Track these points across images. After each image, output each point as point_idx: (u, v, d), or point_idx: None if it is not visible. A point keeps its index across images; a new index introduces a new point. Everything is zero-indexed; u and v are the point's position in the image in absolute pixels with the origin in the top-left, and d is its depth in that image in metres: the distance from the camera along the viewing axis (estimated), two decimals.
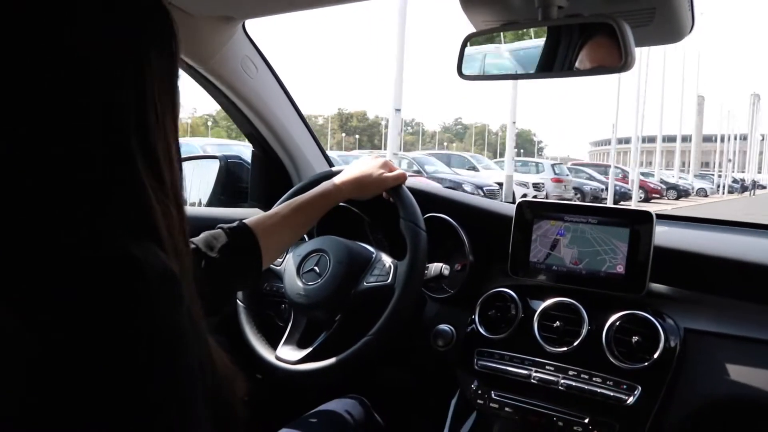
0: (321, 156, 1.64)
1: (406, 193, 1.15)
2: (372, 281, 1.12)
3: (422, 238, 1.10)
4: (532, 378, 1.08)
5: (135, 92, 0.51)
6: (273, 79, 1.49)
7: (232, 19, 1.29)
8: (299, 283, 1.15)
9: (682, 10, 0.86)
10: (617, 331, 1.05)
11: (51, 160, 0.46)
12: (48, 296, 0.42)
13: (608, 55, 0.85)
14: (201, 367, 0.48)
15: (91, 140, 0.48)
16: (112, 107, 0.49)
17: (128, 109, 0.50)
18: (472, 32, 0.97)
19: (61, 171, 0.47)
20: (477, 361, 1.15)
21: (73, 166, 0.47)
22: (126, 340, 0.43)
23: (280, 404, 1.32)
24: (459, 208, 1.34)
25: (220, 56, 1.34)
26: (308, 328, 1.16)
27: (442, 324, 1.25)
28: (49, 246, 0.44)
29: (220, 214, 1.58)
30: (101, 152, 0.48)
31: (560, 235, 1.17)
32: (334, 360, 1.07)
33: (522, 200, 1.23)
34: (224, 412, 0.55)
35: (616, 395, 1.01)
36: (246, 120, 1.50)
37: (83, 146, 0.48)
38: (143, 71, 0.51)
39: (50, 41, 0.47)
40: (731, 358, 1.00)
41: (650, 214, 1.09)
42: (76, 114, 0.47)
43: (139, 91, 0.51)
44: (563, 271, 1.16)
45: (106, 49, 0.49)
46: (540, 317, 1.12)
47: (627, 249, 1.10)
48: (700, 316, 1.07)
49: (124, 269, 0.44)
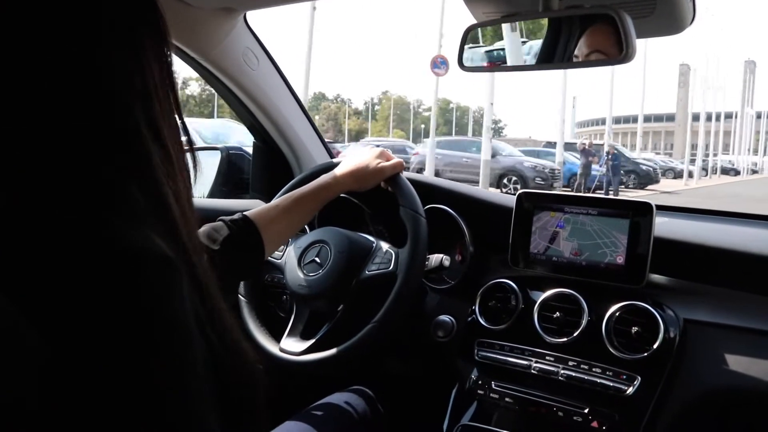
0: (322, 147, 1.64)
1: (404, 181, 1.16)
2: (374, 269, 1.12)
3: (422, 224, 1.11)
4: (532, 368, 1.09)
5: (137, 78, 0.51)
6: (274, 70, 1.49)
7: (233, 10, 1.29)
8: (301, 274, 1.15)
9: (684, 1, 0.85)
10: (617, 322, 1.05)
11: (55, 149, 0.47)
12: (46, 284, 0.42)
13: (609, 46, 0.85)
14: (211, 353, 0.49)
15: (95, 128, 0.48)
16: (116, 94, 0.50)
17: (133, 95, 0.51)
18: (472, 24, 0.98)
19: (65, 160, 0.47)
20: (477, 351, 1.16)
21: (78, 155, 0.47)
22: (124, 328, 0.43)
23: (283, 396, 1.32)
24: (459, 199, 1.35)
25: (222, 48, 1.34)
26: (311, 319, 1.16)
27: (442, 315, 1.25)
28: (49, 233, 0.44)
29: (222, 206, 1.58)
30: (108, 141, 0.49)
31: (560, 227, 1.17)
32: (337, 349, 1.08)
33: (522, 191, 1.23)
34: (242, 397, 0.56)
35: (615, 385, 1.01)
36: (247, 111, 1.51)
37: (87, 134, 0.48)
38: (141, 53, 0.52)
39: (52, 32, 0.47)
40: (730, 348, 1.00)
41: (650, 205, 1.09)
42: (79, 102, 0.48)
43: (141, 77, 0.52)
44: (563, 262, 1.17)
45: (105, 39, 0.50)
46: (540, 308, 1.12)
47: (627, 240, 1.10)
48: (699, 307, 1.07)
49: (122, 256, 0.44)
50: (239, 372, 0.56)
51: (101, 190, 0.48)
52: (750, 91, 74.83)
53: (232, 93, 1.46)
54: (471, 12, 0.99)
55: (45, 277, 0.42)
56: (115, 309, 0.43)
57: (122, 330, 0.43)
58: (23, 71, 0.47)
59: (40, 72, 0.47)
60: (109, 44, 0.50)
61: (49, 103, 0.47)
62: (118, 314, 0.43)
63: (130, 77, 0.51)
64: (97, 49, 0.49)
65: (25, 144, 0.46)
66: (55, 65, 0.47)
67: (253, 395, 0.58)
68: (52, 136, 0.47)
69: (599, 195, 7.27)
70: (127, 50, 0.51)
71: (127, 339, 0.43)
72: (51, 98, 0.47)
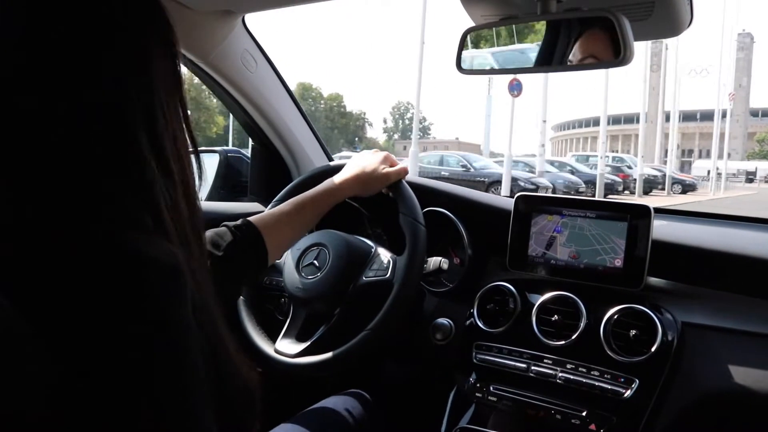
0: (320, 150, 1.64)
1: (406, 188, 1.15)
2: (371, 276, 1.12)
3: (421, 233, 1.10)
4: (531, 371, 1.09)
5: (142, 90, 0.52)
6: (273, 73, 1.49)
7: (231, 13, 1.29)
8: (299, 276, 1.15)
9: (681, 4, 0.86)
10: (615, 325, 1.05)
11: (58, 157, 0.47)
12: (50, 290, 0.42)
13: (606, 49, 0.85)
14: (210, 360, 0.49)
15: (98, 138, 0.49)
16: (119, 105, 0.50)
17: (136, 107, 0.51)
18: (470, 26, 0.98)
19: (68, 166, 0.47)
20: (476, 354, 1.16)
21: (80, 161, 0.48)
22: (127, 335, 0.43)
23: (279, 400, 1.32)
24: (458, 202, 1.35)
25: (220, 51, 1.34)
26: (307, 322, 1.16)
27: (440, 318, 1.25)
28: (53, 239, 0.44)
29: (220, 208, 1.58)
30: (109, 149, 0.49)
31: (557, 231, 1.17)
32: (332, 353, 1.08)
33: (520, 194, 1.23)
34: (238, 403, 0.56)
35: (613, 388, 1.01)
36: (246, 114, 1.51)
37: (91, 143, 0.48)
38: (148, 69, 0.52)
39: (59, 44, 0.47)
40: (728, 351, 1.00)
41: (648, 209, 1.10)
42: (83, 111, 0.48)
43: (146, 89, 0.52)
44: (561, 265, 1.17)
45: (111, 50, 0.50)
46: (538, 311, 1.12)
47: (625, 243, 1.10)
48: (697, 310, 1.07)
49: (127, 263, 0.44)
50: (233, 379, 0.56)
51: (103, 200, 0.49)
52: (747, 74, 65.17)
53: (230, 95, 1.46)
54: (469, 14, 0.99)
55: (50, 284, 0.42)
56: (118, 315, 0.43)
57: (123, 337, 0.43)
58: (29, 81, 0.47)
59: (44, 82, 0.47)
60: (118, 58, 0.51)
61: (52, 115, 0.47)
62: (120, 320, 0.43)
63: (135, 90, 0.51)
64: (105, 62, 0.50)
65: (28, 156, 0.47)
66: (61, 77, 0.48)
67: (247, 401, 0.58)
68: (55, 147, 0.47)
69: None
70: (135, 63, 0.52)
71: (127, 346, 0.43)
72: (54, 110, 0.47)
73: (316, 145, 1.63)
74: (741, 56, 61.07)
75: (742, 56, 61.80)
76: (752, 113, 70.54)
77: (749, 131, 67.58)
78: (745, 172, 43.10)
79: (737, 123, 63.65)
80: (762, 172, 43.36)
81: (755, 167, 45.31)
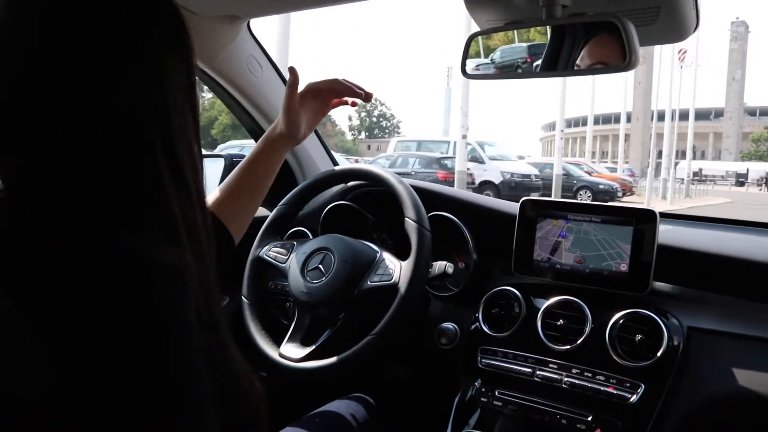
0: (325, 155, 1.64)
1: (411, 192, 1.15)
2: (376, 281, 1.12)
3: (427, 238, 1.10)
4: (536, 376, 1.09)
5: (157, 99, 0.52)
6: (278, 78, 1.49)
7: (237, 18, 1.29)
8: (303, 281, 1.15)
9: (687, 9, 0.85)
10: (620, 330, 1.05)
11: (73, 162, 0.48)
12: (52, 290, 0.42)
13: (612, 54, 0.85)
14: (212, 363, 0.49)
15: (114, 146, 0.49)
16: (136, 113, 0.51)
17: (152, 115, 0.51)
18: (476, 31, 0.98)
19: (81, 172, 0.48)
20: (481, 359, 1.16)
21: (95, 167, 0.48)
22: (131, 337, 0.43)
23: (284, 404, 1.32)
24: (463, 207, 1.35)
25: (225, 55, 1.34)
26: (312, 326, 1.16)
27: (446, 322, 1.25)
28: (60, 242, 0.44)
29: None
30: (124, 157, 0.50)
31: (563, 236, 1.17)
32: (336, 358, 1.08)
33: (525, 198, 1.23)
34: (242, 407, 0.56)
35: (619, 393, 1.01)
36: (251, 119, 1.51)
37: (106, 151, 0.49)
38: (164, 79, 0.53)
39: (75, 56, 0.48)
40: (734, 356, 1.00)
41: (654, 213, 1.09)
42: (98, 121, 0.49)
43: (161, 98, 0.52)
44: (567, 269, 1.17)
45: (127, 61, 0.51)
46: (543, 315, 1.12)
47: (630, 248, 1.10)
48: (703, 315, 1.07)
49: (130, 265, 0.44)
50: (236, 382, 0.56)
51: (112, 205, 0.49)
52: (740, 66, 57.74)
53: (235, 100, 1.46)
54: (474, 19, 0.99)
55: (52, 285, 0.43)
56: (123, 317, 0.43)
57: (127, 339, 0.43)
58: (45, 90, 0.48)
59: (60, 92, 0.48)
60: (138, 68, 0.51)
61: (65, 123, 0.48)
62: (124, 322, 0.43)
63: (152, 100, 0.52)
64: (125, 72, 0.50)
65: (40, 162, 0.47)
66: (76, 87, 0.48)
67: (251, 405, 0.58)
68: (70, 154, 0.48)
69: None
70: (154, 74, 0.52)
71: (131, 348, 0.43)
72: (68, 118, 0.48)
73: (321, 149, 1.63)
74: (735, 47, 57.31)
75: (736, 47, 57.67)
76: (749, 111, 63.26)
77: (744, 131, 59.99)
78: (735, 174, 39.60)
79: (730, 121, 58.23)
80: (755, 174, 39.04)
81: (746, 168, 41.16)
